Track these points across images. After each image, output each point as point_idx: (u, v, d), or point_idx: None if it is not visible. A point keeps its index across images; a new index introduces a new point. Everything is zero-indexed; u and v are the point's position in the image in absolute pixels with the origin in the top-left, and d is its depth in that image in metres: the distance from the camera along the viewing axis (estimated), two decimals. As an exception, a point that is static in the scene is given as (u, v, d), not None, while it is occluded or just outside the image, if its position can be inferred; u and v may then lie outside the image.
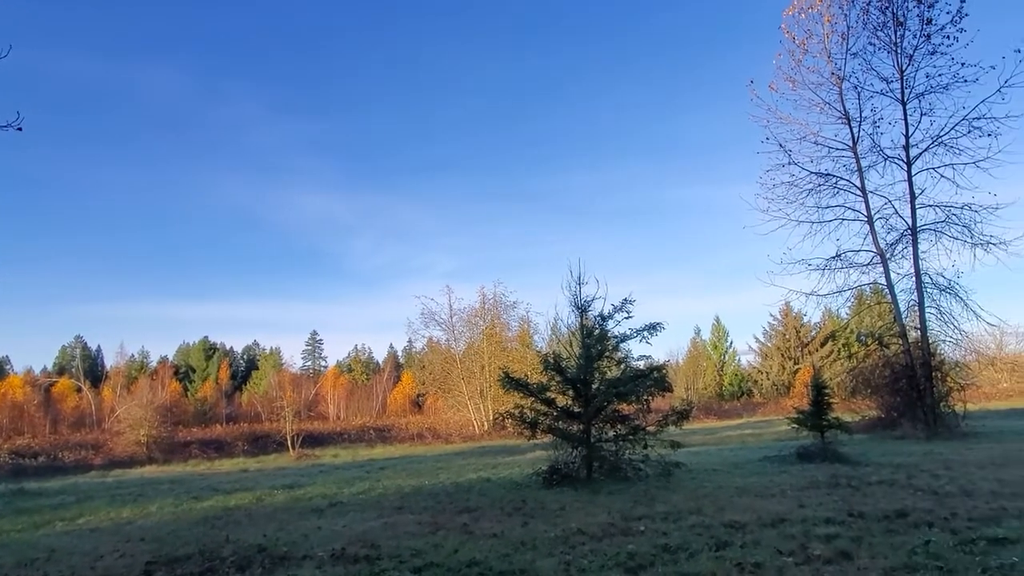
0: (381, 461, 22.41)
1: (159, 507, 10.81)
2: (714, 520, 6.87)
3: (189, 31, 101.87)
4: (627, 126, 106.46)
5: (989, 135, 18.34)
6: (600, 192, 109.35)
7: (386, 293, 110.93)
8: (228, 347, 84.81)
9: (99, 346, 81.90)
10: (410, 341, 65.74)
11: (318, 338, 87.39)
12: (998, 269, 20.04)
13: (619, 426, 11.54)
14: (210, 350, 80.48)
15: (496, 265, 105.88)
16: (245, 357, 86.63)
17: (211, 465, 26.73)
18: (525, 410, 11.65)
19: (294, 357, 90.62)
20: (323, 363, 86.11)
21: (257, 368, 78.29)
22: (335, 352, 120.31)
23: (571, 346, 12.58)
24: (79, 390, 59.74)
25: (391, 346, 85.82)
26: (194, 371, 77.45)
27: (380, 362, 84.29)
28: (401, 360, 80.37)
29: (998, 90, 17.98)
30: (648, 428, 11.38)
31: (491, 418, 38.18)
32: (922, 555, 5.02)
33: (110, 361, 75.13)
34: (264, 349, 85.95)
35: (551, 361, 11.64)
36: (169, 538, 7.68)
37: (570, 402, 11.75)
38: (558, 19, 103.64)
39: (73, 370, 71.78)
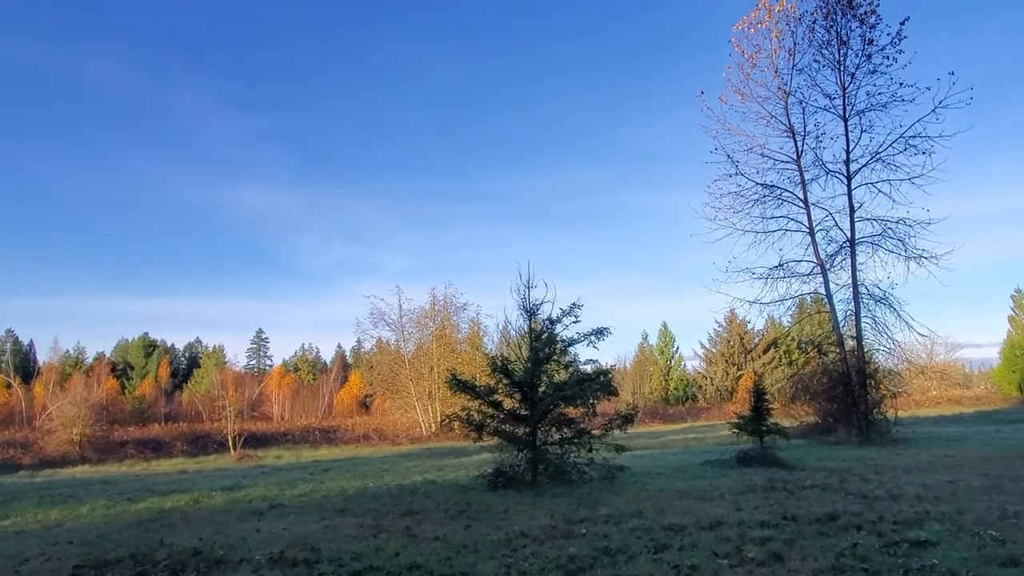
0: (325, 462, 22.10)
1: (90, 509, 10.42)
2: (654, 523, 6.99)
3: (138, 19, 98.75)
4: (583, 130, 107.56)
5: (924, 153, 19.17)
6: (554, 195, 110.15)
7: (335, 292, 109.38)
8: (169, 344, 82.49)
9: (31, 341, 78.49)
10: (359, 341, 65.05)
11: (264, 336, 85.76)
12: (929, 282, 20.90)
13: (565, 429, 11.64)
14: (150, 347, 78.02)
15: (448, 266, 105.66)
16: (187, 355, 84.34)
17: (148, 466, 25.91)
18: (472, 412, 11.65)
19: (238, 356, 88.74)
20: (268, 362, 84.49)
21: (199, 366, 76.29)
22: (281, 351, 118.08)
23: (519, 349, 12.63)
24: (8, 386, 57.20)
25: (339, 346, 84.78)
26: (132, 368, 74.97)
27: (328, 362, 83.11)
28: (349, 360, 79.38)
29: (933, 110, 18.82)
30: (593, 431, 11.51)
31: (439, 420, 38.03)
32: (849, 557, 5.20)
33: (43, 357, 72.33)
34: (207, 347, 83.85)
35: (499, 364, 11.66)
36: (99, 541, 7.42)
37: (517, 405, 11.80)
38: (518, 23, 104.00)
39: (3, 365, 68.61)
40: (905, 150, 19.43)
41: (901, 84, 19.14)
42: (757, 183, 21.43)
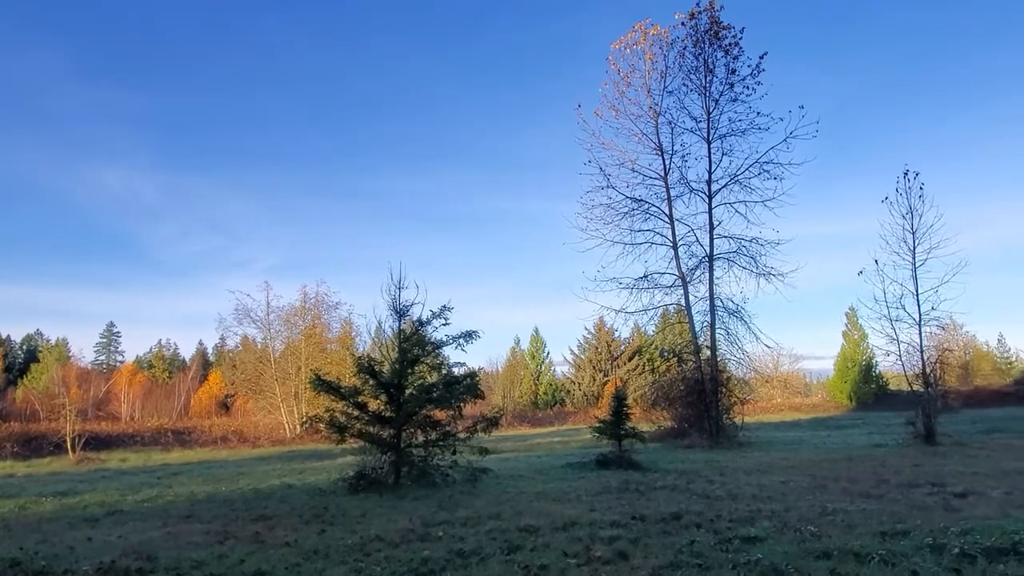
0: (176, 466, 20.79)
1: None
2: (511, 524, 7.11)
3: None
4: (463, 135, 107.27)
5: (775, 178, 20.86)
6: (432, 197, 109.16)
7: (198, 286, 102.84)
8: (4, 336, 74.64)
9: None
10: (222, 338, 61.51)
11: (115, 331, 79.42)
12: (776, 297, 22.70)
13: (430, 432, 11.61)
14: (-22, 338, 70.28)
15: (321, 264, 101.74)
16: (24, 348, 76.63)
17: (-33, 469, 23.28)
18: (336, 414, 11.38)
19: (84, 350, 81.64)
20: (120, 358, 78.31)
21: (38, 361, 69.46)
22: (135, 347, 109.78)
23: (390, 350, 12.48)
24: None
25: (200, 343, 79.94)
26: (-45, 361, 67.17)
27: (186, 360, 78.16)
28: (211, 358, 75.11)
29: (784, 139, 20.52)
30: (459, 434, 11.55)
31: (303, 422, 36.79)
32: (687, 554, 5.52)
33: None
34: (48, 340, 76.54)
35: (365, 364, 11.46)
36: None
37: (383, 406, 11.66)
38: (400, 22, 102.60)
39: None
40: (760, 174, 21.05)
41: (759, 113, 20.74)
42: (627, 197, 22.43)
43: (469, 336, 11.74)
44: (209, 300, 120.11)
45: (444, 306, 11.78)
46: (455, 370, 12.49)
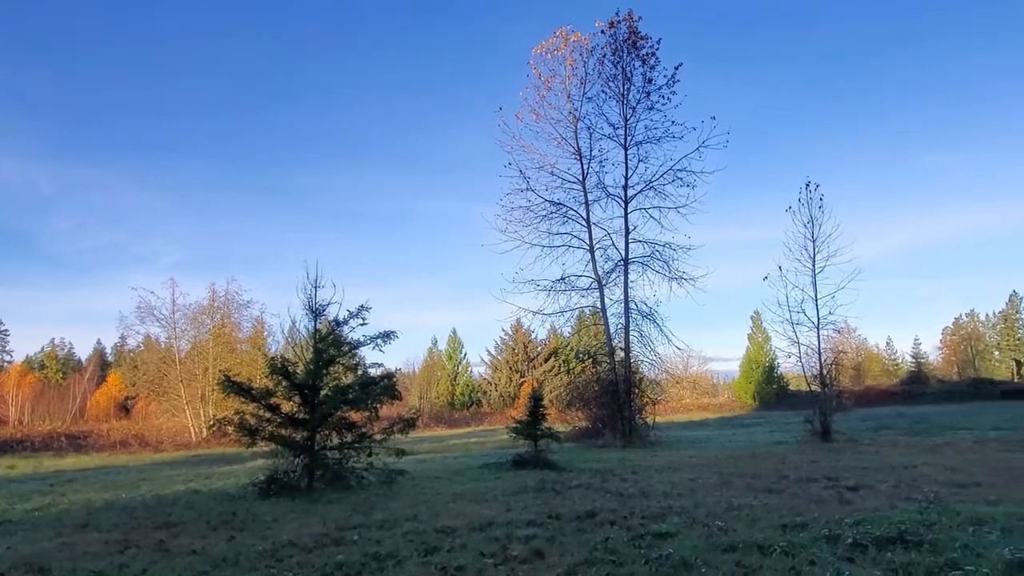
0: (71, 472, 19.55)
1: None
2: (428, 526, 7.07)
3: None
4: (382, 134, 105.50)
5: (688, 186, 21.64)
6: (352, 195, 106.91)
7: (96, 282, 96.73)
8: None
9: None
10: (123, 338, 58.25)
11: (3, 328, 73.96)
12: (687, 301, 23.53)
13: (346, 433, 11.40)
14: None
15: (231, 260, 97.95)
16: None
17: None
18: (246, 416, 11.00)
19: (-35, 349, 75.49)
20: (7, 358, 72.81)
21: (-90, 360, 63.93)
22: (25, 346, 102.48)
23: (304, 351, 12.18)
24: None
25: (99, 342, 75.40)
26: None
27: (83, 360, 73.63)
28: (110, 358, 71.06)
29: (697, 148, 21.33)
30: (375, 436, 11.40)
31: (211, 425, 35.36)
32: (601, 550, 5.64)
33: None
34: (-78, 337, 70.54)
35: (278, 365, 11.13)
36: None
37: (296, 408, 11.35)
38: (323, 19, 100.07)
39: None
40: (673, 181, 21.80)
41: (673, 122, 21.48)
42: (546, 200, 22.74)
43: (387, 336, 11.61)
44: (109, 297, 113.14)
45: (362, 306, 11.61)
46: (372, 371, 12.35)
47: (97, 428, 39.15)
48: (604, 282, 22.30)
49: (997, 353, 69.87)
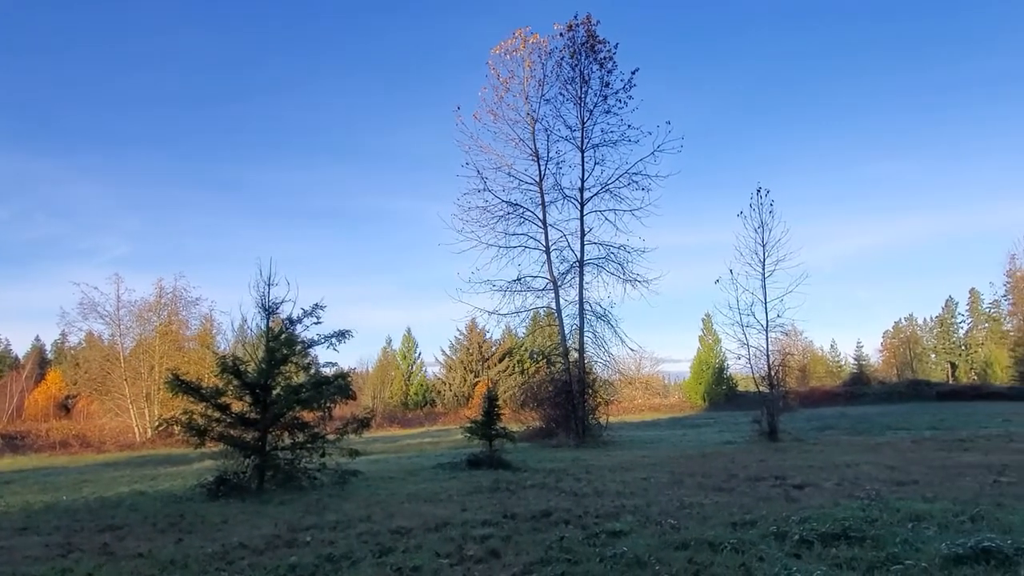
0: (8, 474, 18.85)
1: None
2: (382, 527, 7.02)
3: None
4: (342, 131, 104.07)
5: (643, 189, 21.94)
6: (306, 192, 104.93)
7: (36, 276, 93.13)
8: None
9: None
10: (63, 334, 56.19)
11: (-68, 323, 70.59)
12: (641, 303, 23.90)
13: (298, 434, 11.22)
14: None
15: (180, 256, 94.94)
16: None
17: None
18: (195, 416, 10.75)
19: None
20: (-62, 355, 69.67)
21: None
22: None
23: (256, 350, 11.96)
24: None
25: (37, 339, 72.53)
26: None
27: (20, 357, 70.73)
28: (49, 356, 68.51)
29: (652, 152, 21.62)
30: (328, 436, 11.26)
31: (157, 425, 34.42)
32: (556, 549, 5.69)
33: None
34: None
35: (229, 364, 10.90)
36: None
37: (247, 408, 11.14)
38: (281, 14, 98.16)
39: None
40: (629, 184, 22.06)
41: (629, 126, 21.73)
42: (503, 200, 22.78)
43: (342, 336, 11.47)
44: (49, 292, 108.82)
45: (316, 304, 11.45)
46: (326, 370, 12.17)
47: (36, 428, 37.79)
48: (559, 283, 22.46)
49: (934, 356, 72.76)
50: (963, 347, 69.84)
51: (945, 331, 71.82)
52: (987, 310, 67.31)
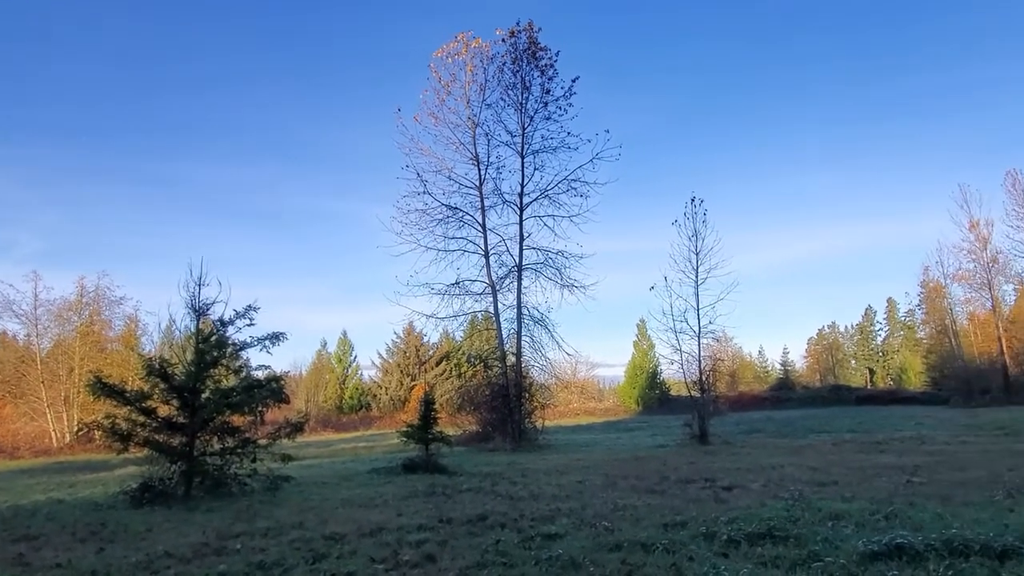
0: (-93, 483, 17.64)
1: None
2: (315, 533, 6.90)
3: None
4: (278, 130, 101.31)
5: (582, 195, 22.30)
6: (241, 191, 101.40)
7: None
8: None
9: None
10: (-29, 333, 53.11)
11: None
12: (578, 308, 24.22)
13: (228, 439, 10.92)
14: None
15: (103, 254, 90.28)
16: None
17: None
18: (118, 421, 10.33)
19: None
20: None
21: None
22: None
23: (184, 352, 11.59)
24: None
25: (-60, 338, 68.19)
26: None
27: (-80, 357, 66.35)
28: (-46, 356, 64.46)
29: (591, 160, 22.02)
30: (260, 441, 11.00)
31: (76, 430, 32.89)
32: (492, 553, 5.72)
33: None
34: None
35: (156, 366, 10.53)
36: None
37: (175, 412, 10.78)
38: (218, 7, 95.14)
39: None
40: (568, 191, 22.39)
41: (569, 133, 22.08)
42: (443, 204, 22.78)
43: (276, 338, 11.24)
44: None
45: (249, 306, 11.18)
46: (258, 373, 11.88)
47: (-64, 434, 35.41)
48: (498, 287, 22.57)
49: (854, 362, 76.12)
50: (881, 354, 73.31)
51: (864, 338, 75.25)
52: (903, 319, 70.84)
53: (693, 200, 20.47)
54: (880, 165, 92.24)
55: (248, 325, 11.21)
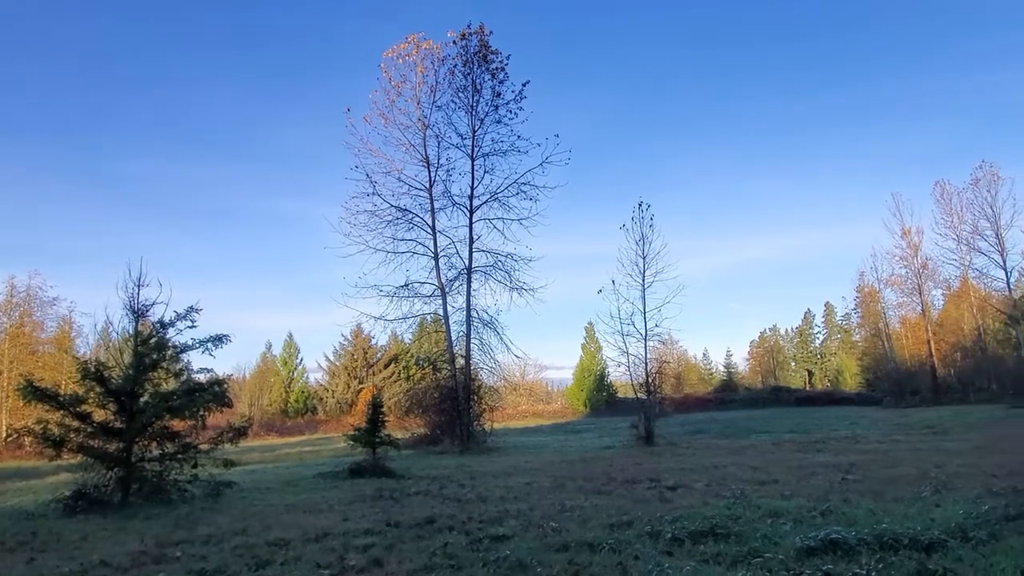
0: None
1: None
2: (259, 539, 6.76)
3: None
4: (224, 128, 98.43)
5: (531, 199, 22.43)
6: (183, 190, 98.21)
7: None
8: None
9: None
10: None
11: None
12: (527, 310, 24.36)
13: (168, 444, 10.61)
14: None
15: (35, 253, 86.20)
16: None
17: None
18: (50, 426, 9.92)
19: None
20: None
21: None
22: None
23: (122, 354, 11.21)
24: None
25: None
26: None
27: None
28: None
29: (540, 164, 22.18)
30: (201, 446, 10.72)
31: (4, 436, 31.41)
32: (440, 556, 5.71)
33: None
34: None
35: (91, 369, 10.15)
36: None
37: (111, 417, 10.42)
38: (168, 5, 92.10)
39: None
40: (517, 194, 22.50)
41: (519, 137, 22.18)
42: (392, 205, 22.63)
43: (219, 340, 10.97)
44: None
45: (191, 307, 10.90)
46: (199, 376, 11.57)
47: None
48: (447, 290, 22.53)
49: (793, 364, 78.46)
50: (819, 356, 75.78)
51: (803, 341, 77.65)
52: (840, 322, 73.39)
53: (640, 205, 20.87)
54: (821, 172, 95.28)
55: (190, 327, 10.94)
